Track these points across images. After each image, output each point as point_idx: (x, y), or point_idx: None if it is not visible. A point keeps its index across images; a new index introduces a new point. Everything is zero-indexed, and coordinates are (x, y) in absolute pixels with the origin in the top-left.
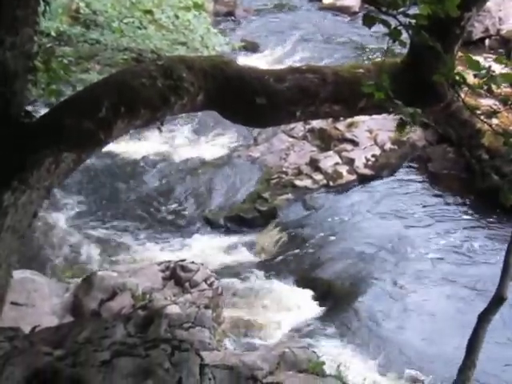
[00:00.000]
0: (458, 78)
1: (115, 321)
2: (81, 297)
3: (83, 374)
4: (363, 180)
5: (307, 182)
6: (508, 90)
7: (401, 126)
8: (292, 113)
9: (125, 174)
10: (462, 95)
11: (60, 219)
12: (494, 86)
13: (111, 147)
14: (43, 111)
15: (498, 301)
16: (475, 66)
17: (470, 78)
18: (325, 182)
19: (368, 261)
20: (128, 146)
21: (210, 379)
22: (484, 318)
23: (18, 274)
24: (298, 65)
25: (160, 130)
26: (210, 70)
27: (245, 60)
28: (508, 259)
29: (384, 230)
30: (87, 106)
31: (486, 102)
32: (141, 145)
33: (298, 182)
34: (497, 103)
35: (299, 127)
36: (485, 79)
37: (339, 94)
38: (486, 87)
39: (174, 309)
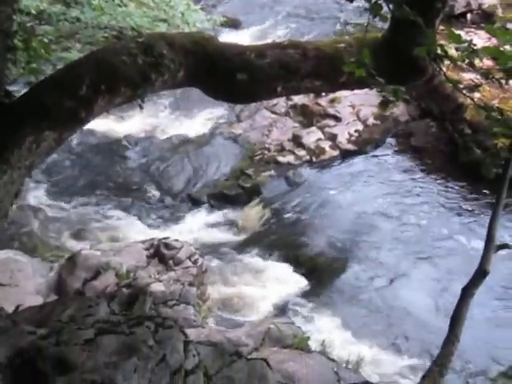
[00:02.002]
0: (439, 51)
1: (99, 299)
2: (65, 276)
3: (67, 352)
4: (346, 155)
5: (290, 158)
6: (490, 63)
7: (384, 103)
8: (273, 88)
9: (107, 152)
10: (444, 69)
11: (42, 198)
12: (476, 60)
13: (93, 125)
14: (23, 90)
15: (481, 274)
16: (457, 39)
17: (452, 53)
18: (308, 157)
19: (351, 236)
20: (110, 125)
21: (194, 356)
22: (467, 292)
23: (1, 255)
24: (279, 40)
25: (141, 108)
26: (191, 46)
27: (226, 36)
28: (490, 232)
29: (367, 204)
30: (67, 85)
31: (469, 77)
32: (123, 123)
33: (280, 158)
34: (479, 77)
35: (281, 103)
36: (466, 53)
37: (320, 69)
38: (467, 61)
39: (158, 286)
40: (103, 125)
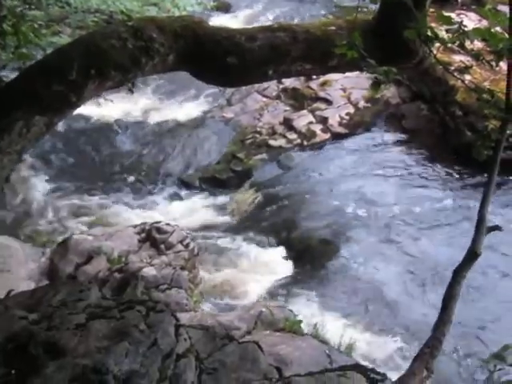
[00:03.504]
0: (430, 33)
1: (90, 284)
2: (56, 261)
3: (58, 337)
4: (337, 138)
5: (281, 142)
6: (480, 45)
7: (375, 85)
8: (263, 72)
9: (98, 137)
10: (435, 51)
11: (33, 183)
12: (466, 42)
13: (83, 110)
14: (13, 75)
15: (472, 256)
16: (447, 20)
17: (443, 35)
18: (299, 141)
19: (343, 219)
20: (100, 109)
21: (185, 339)
22: (458, 274)
23: None
24: (269, 24)
25: (131, 92)
26: (181, 30)
27: (217, 20)
28: (481, 214)
29: (359, 187)
30: (57, 69)
31: (459, 59)
32: (113, 107)
33: (272, 142)
34: (469, 59)
35: (272, 87)
36: (457, 35)
37: (311, 52)
38: (458, 43)
39: (150, 271)
40: (93, 109)
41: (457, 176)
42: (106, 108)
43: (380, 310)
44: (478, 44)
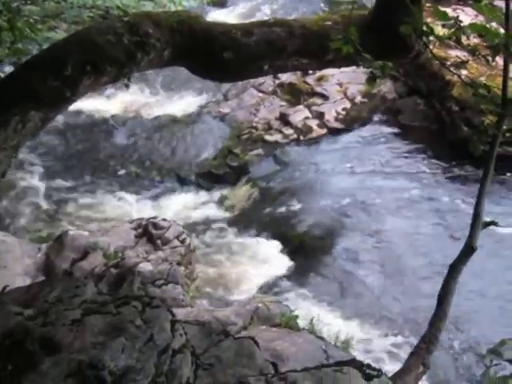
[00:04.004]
0: (425, 28)
1: (86, 279)
2: (53, 257)
3: (54, 333)
4: (334, 133)
5: (277, 137)
6: (476, 40)
7: (371, 79)
8: (260, 66)
9: (94, 132)
10: (431, 47)
11: (29, 179)
12: (463, 38)
13: (80, 105)
14: (9, 71)
15: (468, 251)
16: (443, 16)
17: (439, 30)
18: (295, 136)
19: (339, 214)
20: (97, 104)
21: (181, 335)
22: (455, 269)
23: None
24: (266, 19)
25: (127, 87)
26: (177, 25)
27: (213, 15)
28: (477, 209)
29: (355, 183)
30: (53, 65)
31: (456, 54)
32: (110, 102)
33: (268, 137)
34: (466, 54)
35: (269, 82)
36: (453, 30)
37: (307, 47)
38: (454, 38)
39: (146, 266)
40: (90, 104)
41: (453, 171)
42: (102, 103)
43: (377, 306)
44: (474, 39)
